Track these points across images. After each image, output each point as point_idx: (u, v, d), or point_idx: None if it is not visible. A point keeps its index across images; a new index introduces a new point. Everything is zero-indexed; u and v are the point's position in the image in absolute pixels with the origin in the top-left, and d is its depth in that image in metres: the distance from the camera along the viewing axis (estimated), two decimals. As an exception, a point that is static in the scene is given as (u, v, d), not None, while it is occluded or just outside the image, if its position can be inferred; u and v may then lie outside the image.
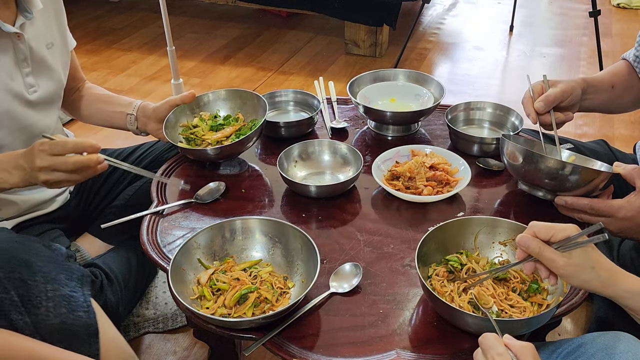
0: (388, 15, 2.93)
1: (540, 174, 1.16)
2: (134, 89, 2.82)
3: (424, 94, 1.58)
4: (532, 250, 0.88)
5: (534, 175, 1.17)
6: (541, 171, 1.15)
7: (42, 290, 0.98)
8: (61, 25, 1.37)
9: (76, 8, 3.73)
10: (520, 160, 1.18)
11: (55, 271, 1.02)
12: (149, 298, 1.53)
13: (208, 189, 1.30)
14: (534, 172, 1.16)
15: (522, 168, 1.19)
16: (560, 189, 1.16)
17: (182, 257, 1.04)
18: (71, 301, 1.01)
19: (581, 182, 1.13)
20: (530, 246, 0.88)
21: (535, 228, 0.88)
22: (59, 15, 1.37)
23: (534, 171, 1.16)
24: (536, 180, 1.18)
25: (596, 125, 2.45)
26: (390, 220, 1.23)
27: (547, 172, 1.14)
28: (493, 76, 2.96)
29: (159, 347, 1.47)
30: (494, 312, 0.97)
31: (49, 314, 0.97)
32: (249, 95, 1.48)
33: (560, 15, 3.67)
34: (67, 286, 1.02)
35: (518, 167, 1.20)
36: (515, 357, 0.76)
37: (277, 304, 1.02)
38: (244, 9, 3.71)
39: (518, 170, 1.21)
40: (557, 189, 1.17)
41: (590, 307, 1.51)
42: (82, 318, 1.01)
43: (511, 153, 1.21)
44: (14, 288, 0.95)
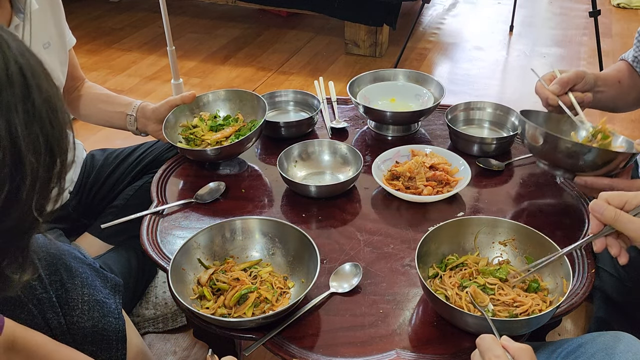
0: (388, 15, 2.93)
1: (559, 155, 1.13)
2: (134, 89, 2.82)
3: (424, 94, 1.58)
4: (607, 216, 0.85)
5: (552, 155, 1.15)
6: (560, 152, 1.13)
7: (79, 293, 1.01)
8: (59, 23, 1.36)
9: (76, 8, 3.73)
10: (540, 141, 1.16)
11: (92, 277, 1.05)
12: (149, 298, 1.53)
13: (208, 189, 1.30)
14: (552, 152, 1.14)
15: (541, 148, 1.17)
16: (579, 169, 1.14)
17: (182, 257, 1.04)
18: (104, 307, 1.03)
19: (601, 163, 1.11)
20: (605, 212, 0.85)
21: (607, 195, 0.86)
22: (57, 13, 1.35)
23: (553, 152, 1.14)
24: (555, 160, 1.16)
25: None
26: (390, 220, 1.23)
27: (566, 153, 1.12)
28: (493, 76, 2.96)
29: (159, 347, 1.47)
30: (489, 311, 0.97)
31: (83, 317, 1.00)
32: (248, 95, 1.48)
33: (560, 15, 3.67)
34: (101, 292, 1.05)
35: (537, 148, 1.18)
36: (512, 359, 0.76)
37: (277, 304, 1.02)
38: (244, 9, 3.71)
39: (537, 150, 1.18)
40: (576, 169, 1.15)
41: (590, 307, 1.51)
42: (112, 324, 1.04)
43: (531, 134, 1.18)
44: (54, 289, 0.98)
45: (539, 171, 1.37)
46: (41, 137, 0.51)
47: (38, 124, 0.51)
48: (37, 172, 0.51)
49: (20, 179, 0.49)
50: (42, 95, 0.51)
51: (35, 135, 0.50)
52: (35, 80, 0.51)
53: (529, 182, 1.34)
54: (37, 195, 0.51)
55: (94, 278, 1.06)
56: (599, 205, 0.86)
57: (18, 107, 0.49)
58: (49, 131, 0.52)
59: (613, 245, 0.88)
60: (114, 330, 1.04)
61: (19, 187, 0.49)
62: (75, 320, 0.99)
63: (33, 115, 0.50)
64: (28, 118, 0.50)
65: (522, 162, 1.40)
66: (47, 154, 0.52)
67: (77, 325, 0.99)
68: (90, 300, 1.02)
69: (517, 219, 1.10)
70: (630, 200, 0.85)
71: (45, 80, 0.53)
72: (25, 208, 0.51)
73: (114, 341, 1.04)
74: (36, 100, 0.51)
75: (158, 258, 1.12)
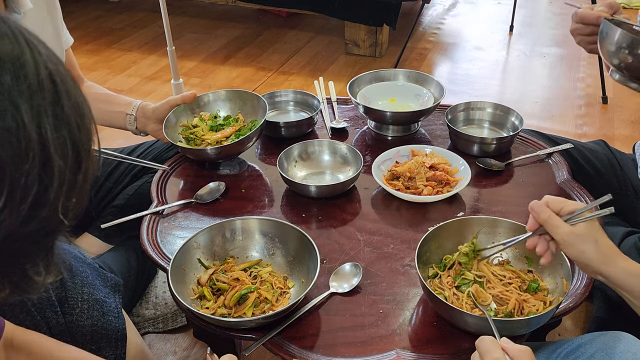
0: (388, 15, 2.93)
1: None
2: (134, 89, 2.82)
3: (424, 94, 1.58)
4: (541, 215, 0.90)
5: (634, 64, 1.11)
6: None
7: (79, 292, 1.01)
8: (55, 23, 1.35)
9: (76, 8, 3.73)
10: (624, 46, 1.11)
11: (92, 276, 1.06)
12: (149, 298, 1.53)
13: (208, 189, 1.30)
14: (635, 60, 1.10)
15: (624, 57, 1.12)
16: None
17: (182, 257, 1.05)
18: (104, 306, 1.04)
19: None
20: (540, 212, 0.90)
21: (548, 198, 0.91)
22: (53, 13, 1.34)
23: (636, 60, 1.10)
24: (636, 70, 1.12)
25: (596, 125, 2.45)
26: (390, 220, 1.23)
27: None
28: (493, 76, 2.96)
29: (159, 347, 1.47)
30: (492, 310, 0.97)
31: (83, 315, 1.01)
32: (249, 95, 1.48)
33: (560, 15, 3.67)
34: (101, 291, 1.05)
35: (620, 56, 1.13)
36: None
37: (277, 304, 1.02)
38: (244, 9, 3.71)
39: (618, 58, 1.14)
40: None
41: (590, 307, 1.51)
42: (112, 322, 1.04)
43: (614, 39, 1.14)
44: (54, 288, 0.98)
45: (538, 171, 1.37)
46: (69, 141, 0.52)
47: (66, 128, 0.52)
48: (64, 175, 0.52)
49: (49, 181, 0.51)
50: (70, 100, 0.53)
51: (63, 139, 0.51)
52: (64, 85, 0.53)
53: (529, 182, 1.34)
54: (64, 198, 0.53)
55: (94, 277, 1.06)
56: (538, 206, 0.91)
57: (48, 111, 0.50)
58: (77, 135, 0.53)
59: (541, 244, 0.93)
60: (113, 329, 1.04)
61: (46, 188, 0.51)
62: (75, 319, 1.00)
63: (62, 120, 0.52)
64: (57, 122, 0.51)
65: (522, 162, 1.40)
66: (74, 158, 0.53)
67: (76, 324, 1.00)
68: (90, 299, 1.02)
69: (517, 219, 1.10)
70: (566, 207, 0.89)
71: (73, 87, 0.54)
72: (52, 210, 0.52)
73: (113, 340, 1.04)
74: (65, 105, 0.52)
75: (158, 258, 1.12)
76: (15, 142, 0.48)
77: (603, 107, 2.60)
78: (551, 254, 0.92)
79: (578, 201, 1.26)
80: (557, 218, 0.89)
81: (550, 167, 1.39)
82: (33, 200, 0.50)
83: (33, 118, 0.49)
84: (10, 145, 0.48)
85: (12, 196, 0.49)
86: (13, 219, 0.49)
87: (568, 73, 2.93)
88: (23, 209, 0.50)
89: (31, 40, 0.52)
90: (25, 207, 0.50)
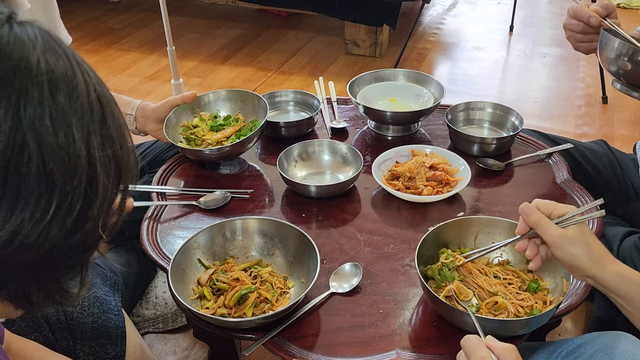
0: (388, 15, 2.93)
1: None
2: (134, 89, 2.82)
3: (424, 94, 1.58)
4: (531, 218, 0.90)
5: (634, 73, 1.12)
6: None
7: None
8: (52, 22, 1.35)
9: (76, 8, 3.73)
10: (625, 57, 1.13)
11: (92, 274, 1.06)
12: (149, 298, 1.53)
13: (214, 197, 1.28)
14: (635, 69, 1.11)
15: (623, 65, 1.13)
16: None
17: (182, 257, 1.05)
18: (104, 303, 1.05)
19: None
20: (531, 214, 0.90)
21: (538, 202, 0.91)
22: (50, 12, 1.34)
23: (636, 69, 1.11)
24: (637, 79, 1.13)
25: (596, 125, 2.45)
26: (390, 220, 1.23)
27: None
28: (493, 76, 2.96)
29: (159, 347, 1.47)
30: (473, 305, 0.97)
31: (83, 312, 1.02)
32: (249, 95, 1.48)
33: (560, 15, 3.67)
34: (101, 289, 1.06)
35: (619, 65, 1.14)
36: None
37: (277, 304, 1.02)
38: (244, 9, 3.71)
39: (618, 67, 1.15)
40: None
41: (590, 307, 1.51)
42: (112, 320, 1.05)
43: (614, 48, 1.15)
44: None
45: (538, 171, 1.37)
46: (112, 160, 0.56)
47: (111, 148, 0.56)
48: (107, 192, 0.55)
49: (93, 196, 0.54)
50: (115, 121, 0.57)
51: (108, 158, 0.55)
52: (110, 107, 0.57)
53: (529, 182, 1.34)
54: (104, 214, 0.56)
55: (94, 275, 1.07)
56: (527, 208, 0.91)
57: (96, 130, 0.54)
58: (119, 155, 0.57)
59: (531, 247, 0.92)
60: (113, 326, 1.05)
61: (91, 204, 0.54)
62: (76, 316, 1.00)
63: (107, 139, 0.55)
64: (103, 141, 0.55)
65: (522, 162, 1.40)
66: (116, 176, 0.57)
67: (77, 321, 1.00)
68: (90, 296, 1.03)
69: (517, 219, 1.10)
70: (557, 210, 0.89)
71: (116, 109, 0.58)
72: (93, 225, 0.55)
73: (113, 337, 1.05)
74: (111, 126, 0.56)
75: (158, 258, 1.12)
76: (67, 158, 0.51)
77: (603, 107, 2.60)
78: (541, 258, 0.92)
79: (578, 201, 1.26)
80: (548, 220, 0.89)
81: (550, 167, 1.39)
82: (78, 215, 0.53)
83: (83, 137, 0.52)
84: (62, 161, 0.51)
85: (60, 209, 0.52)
86: (59, 230, 0.52)
87: (568, 73, 2.93)
88: (68, 222, 0.52)
89: (82, 63, 0.55)
90: (70, 221, 0.52)
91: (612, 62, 1.18)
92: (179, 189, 1.32)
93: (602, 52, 1.20)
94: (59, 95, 0.51)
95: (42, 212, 0.51)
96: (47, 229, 0.51)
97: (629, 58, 1.13)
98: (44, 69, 0.51)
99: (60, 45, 0.54)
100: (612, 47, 1.17)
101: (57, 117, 0.50)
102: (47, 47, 0.52)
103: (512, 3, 3.35)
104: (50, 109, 0.50)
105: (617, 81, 1.20)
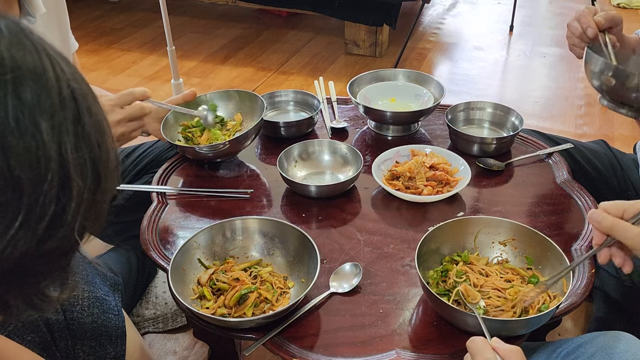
0: (388, 15, 2.93)
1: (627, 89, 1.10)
2: (134, 89, 2.82)
3: (424, 94, 1.58)
4: (605, 224, 0.85)
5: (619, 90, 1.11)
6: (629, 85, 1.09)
7: (80, 290, 1.02)
8: (63, 27, 1.36)
9: (76, 8, 3.73)
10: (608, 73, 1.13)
11: (92, 274, 1.06)
12: (149, 298, 1.53)
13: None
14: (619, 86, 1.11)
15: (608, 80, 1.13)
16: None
17: (182, 257, 1.05)
18: (104, 303, 1.05)
19: None
20: (602, 220, 0.85)
21: (606, 205, 0.86)
22: (61, 18, 1.36)
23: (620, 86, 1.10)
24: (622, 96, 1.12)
25: (596, 125, 2.45)
26: (390, 220, 1.23)
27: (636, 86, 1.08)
28: (493, 76, 2.96)
29: (159, 347, 1.47)
30: (481, 308, 0.97)
31: (83, 312, 1.01)
32: (247, 95, 1.48)
33: (560, 15, 3.67)
34: (101, 289, 1.06)
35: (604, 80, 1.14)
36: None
37: (277, 304, 1.02)
38: (244, 9, 3.71)
39: (603, 83, 1.15)
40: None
41: (590, 307, 1.51)
42: (112, 320, 1.05)
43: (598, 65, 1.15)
44: None
45: (539, 171, 1.37)
46: (89, 161, 0.51)
47: (87, 147, 0.51)
48: (82, 195, 0.51)
49: (67, 201, 0.50)
50: (92, 118, 0.52)
51: (83, 159, 0.51)
52: (85, 103, 0.52)
53: (529, 182, 1.34)
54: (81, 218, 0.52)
55: (94, 276, 1.07)
56: (597, 214, 0.86)
57: (69, 130, 0.49)
58: (97, 154, 0.52)
59: (616, 255, 0.87)
60: (113, 326, 1.05)
61: (64, 208, 0.50)
62: (76, 316, 1.00)
63: (82, 138, 0.51)
64: (78, 141, 0.50)
65: (522, 162, 1.40)
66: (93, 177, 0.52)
67: (77, 321, 1.00)
68: (90, 296, 1.03)
69: (517, 219, 1.10)
70: (628, 209, 0.84)
71: (94, 104, 0.54)
72: (69, 230, 0.51)
73: (113, 337, 1.05)
74: (86, 124, 0.51)
75: (158, 258, 1.12)
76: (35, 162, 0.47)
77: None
78: (631, 260, 0.87)
79: (578, 201, 1.26)
80: (623, 222, 0.83)
81: (550, 167, 1.39)
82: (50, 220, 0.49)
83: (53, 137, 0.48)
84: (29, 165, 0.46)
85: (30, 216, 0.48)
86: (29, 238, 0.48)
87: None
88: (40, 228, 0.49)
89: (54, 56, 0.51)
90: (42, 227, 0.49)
91: (596, 80, 1.18)
92: (179, 189, 1.32)
93: (586, 70, 1.20)
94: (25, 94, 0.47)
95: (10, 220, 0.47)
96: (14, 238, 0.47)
97: (611, 76, 1.13)
98: (9, 65, 0.46)
99: (30, 38, 0.49)
100: (595, 65, 1.17)
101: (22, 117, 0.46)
102: (13, 40, 0.48)
103: (512, 3, 3.36)
104: (15, 109, 0.46)
105: (603, 98, 1.20)
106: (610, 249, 0.87)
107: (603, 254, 0.87)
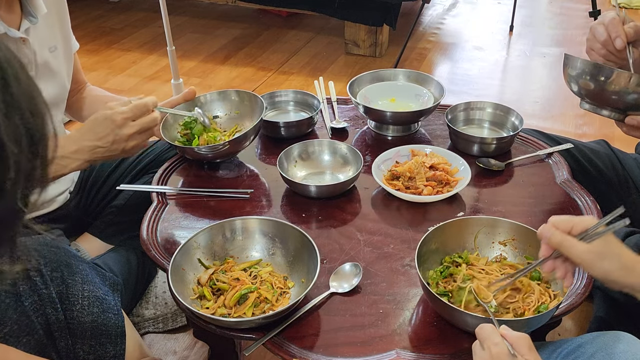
0: (388, 15, 2.93)
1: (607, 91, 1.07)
2: (134, 89, 2.82)
3: (424, 94, 1.58)
4: (553, 240, 0.87)
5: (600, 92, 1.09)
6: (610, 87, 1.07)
7: (80, 289, 1.03)
8: (64, 28, 1.37)
9: (76, 8, 3.72)
10: (587, 76, 1.10)
11: (91, 274, 1.07)
12: (149, 298, 1.53)
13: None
14: (600, 88, 1.08)
15: (587, 84, 1.11)
16: (630, 107, 1.08)
17: (182, 257, 1.05)
18: (104, 303, 1.05)
19: None
20: (551, 236, 0.87)
21: (555, 220, 0.88)
22: (63, 18, 1.36)
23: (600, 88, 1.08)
24: (603, 98, 1.10)
25: (596, 125, 2.45)
26: (390, 220, 1.23)
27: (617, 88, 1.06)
28: (493, 76, 2.96)
29: (159, 347, 1.47)
30: (493, 307, 0.97)
31: (83, 312, 1.02)
32: (247, 95, 1.48)
33: (560, 15, 3.67)
34: (101, 289, 1.06)
35: (583, 84, 1.12)
36: (511, 347, 0.77)
37: (277, 304, 1.02)
38: (244, 9, 3.71)
39: (582, 86, 1.13)
40: (627, 107, 1.08)
41: (590, 307, 1.51)
42: (111, 319, 1.05)
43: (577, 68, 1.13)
44: (55, 285, 0.99)
45: (539, 171, 1.37)
46: (22, 127, 0.51)
47: (18, 114, 0.50)
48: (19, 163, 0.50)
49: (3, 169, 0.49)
50: (20, 85, 0.52)
51: (15, 126, 0.50)
52: (12, 70, 0.51)
53: (529, 182, 1.34)
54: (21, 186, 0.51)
55: (94, 275, 1.07)
56: (547, 230, 0.88)
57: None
58: (30, 120, 0.52)
59: (559, 268, 0.89)
60: (113, 325, 1.05)
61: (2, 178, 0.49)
62: (75, 315, 1.01)
63: (12, 106, 0.50)
64: (7, 109, 0.49)
65: (522, 162, 1.40)
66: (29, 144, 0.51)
67: (77, 320, 1.01)
68: (90, 296, 1.03)
69: (517, 219, 1.10)
70: (576, 225, 0.86)
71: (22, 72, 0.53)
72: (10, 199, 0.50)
73: (113, 336, 1.05)
74: (14, 91, 0.51)
75: (158, 258, 1.12)
76: None
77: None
78: (572, 274, 0.89)
79: (578, 201, 1.26)
80: (571, 239, 0.85)
81: (550, 167, 1.39)
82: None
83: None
84: None
85: None
86: None
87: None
88: None
89: None
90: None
91: (574, 83, 1.17)
92: (179, 189, 1.32)
93: (565, 74, 1.19)
94: None
95: None
96: None
97: (590, 78, 1.11)
98: None
99: None
100: (574, 67, 1.15)
101: None
102: None
103: (512, 3, 3.35)
104: None
105: (584, 101, 1.20)
106: (555, 261, 0.89)
107: (547, 265, 0.90)
